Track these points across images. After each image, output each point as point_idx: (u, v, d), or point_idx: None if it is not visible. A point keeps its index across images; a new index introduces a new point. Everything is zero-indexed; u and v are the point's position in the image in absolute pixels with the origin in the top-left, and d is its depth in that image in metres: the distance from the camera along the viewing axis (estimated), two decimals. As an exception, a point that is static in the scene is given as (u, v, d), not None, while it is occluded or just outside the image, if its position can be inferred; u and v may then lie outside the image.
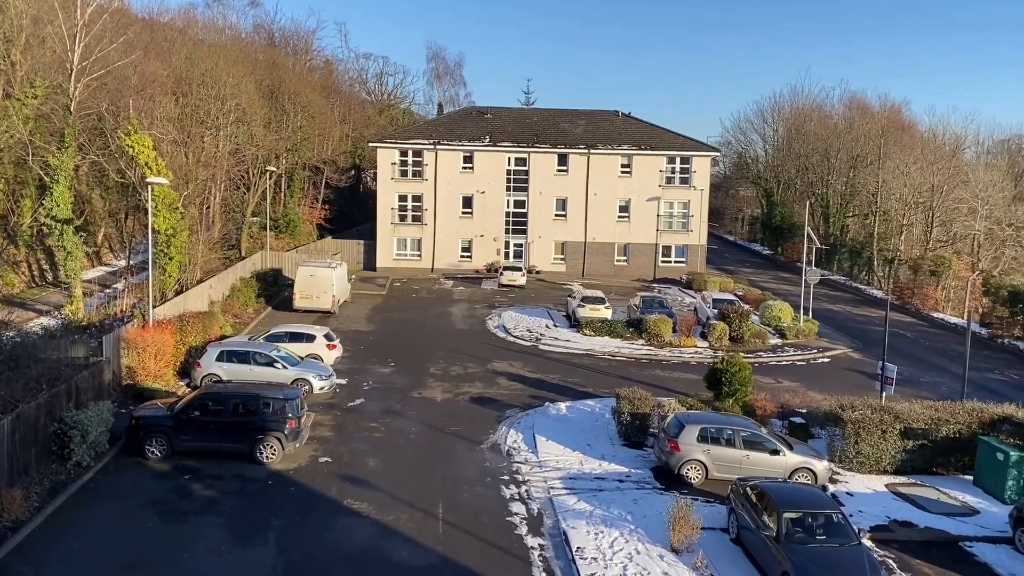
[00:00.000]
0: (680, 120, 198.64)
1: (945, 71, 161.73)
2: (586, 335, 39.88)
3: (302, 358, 29.55)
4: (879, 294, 56.77)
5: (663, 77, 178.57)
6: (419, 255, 60.45)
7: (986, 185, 58.22)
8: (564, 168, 60.36)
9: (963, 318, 31.56)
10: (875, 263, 61.58)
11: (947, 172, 60.99)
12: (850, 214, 72.67)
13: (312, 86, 70.47)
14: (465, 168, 60.20)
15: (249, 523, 18.56)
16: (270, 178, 55.67)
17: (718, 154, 75.34)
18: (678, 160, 60.70)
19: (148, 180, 30.55)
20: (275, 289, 46.58)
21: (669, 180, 60.65)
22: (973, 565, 18.20)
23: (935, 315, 50.49)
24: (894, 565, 17.83)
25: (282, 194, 62.49)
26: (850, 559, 15.82)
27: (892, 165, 62.59)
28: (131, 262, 44.72)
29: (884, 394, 26.28)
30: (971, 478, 22.91)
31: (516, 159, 60.41)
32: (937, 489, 22.21)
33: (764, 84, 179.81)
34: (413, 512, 19.47)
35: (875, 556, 17.11)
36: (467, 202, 60.27)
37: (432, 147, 59.61)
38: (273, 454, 22.06)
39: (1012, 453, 21.62)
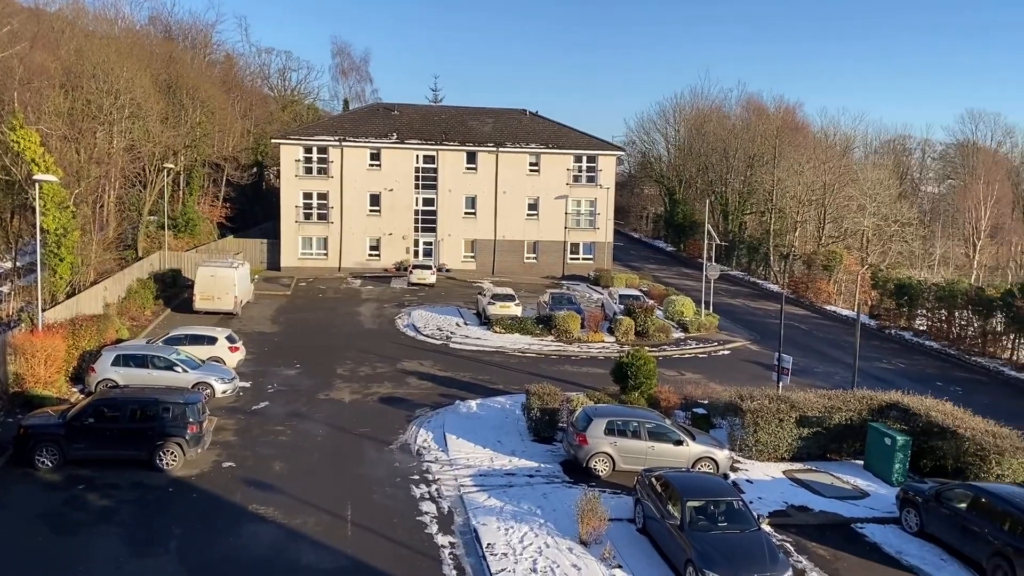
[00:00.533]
0: (586, 120, 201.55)
1: (835, 74, 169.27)
2: (497, 332, 40.06)
3: (203, 361, 28.68)
4: (775, 288, 59.02)
5: (569, 76, 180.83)
6: (325, 254, 59.49)
7: (874, 183, 61.27)
8: (473, 166, 60.44)
9: (853, 310, 33.21)
10: (771, 258, 63.99)
11: (838, 171, 63.94)
12: (748, 211, 75.23)
13: (212, 81, 68.28)
14: (372, 165, 59.55)
15: (149, 533, 17.92)
16: (168, 175, 53.69)
17: (623, 153, 76.88)
18: (585, 159, 61.61)
19: (36, 177, 29.04)
20: (174, 290, 45.03)
21: (576, 178, 61.49)
22: (864, 545, 19.14)
23: (828, 308, 52.84)
24: (791, 548, 18.59)
25: (181, 192, 60.35)
26: (750, 544, 16.42)
27: (787, 164, 65.17)
28: (18, 264, 42.39)
29: (781, 384, 27.38)
30: (862, 462, 24.07)
31: (424, 156, 60.13)
32: (831, 474, 23.27)
33: (666, 85, 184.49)
34: (321, 515, 19.17)
35: (774, 540, 17.81)
36: (375, 200, 59.64)
37: (338, 144, 58.72)
38: (174, 461, 21.34)
39: (899, 438, 22.82)
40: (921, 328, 45.72)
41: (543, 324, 40.51)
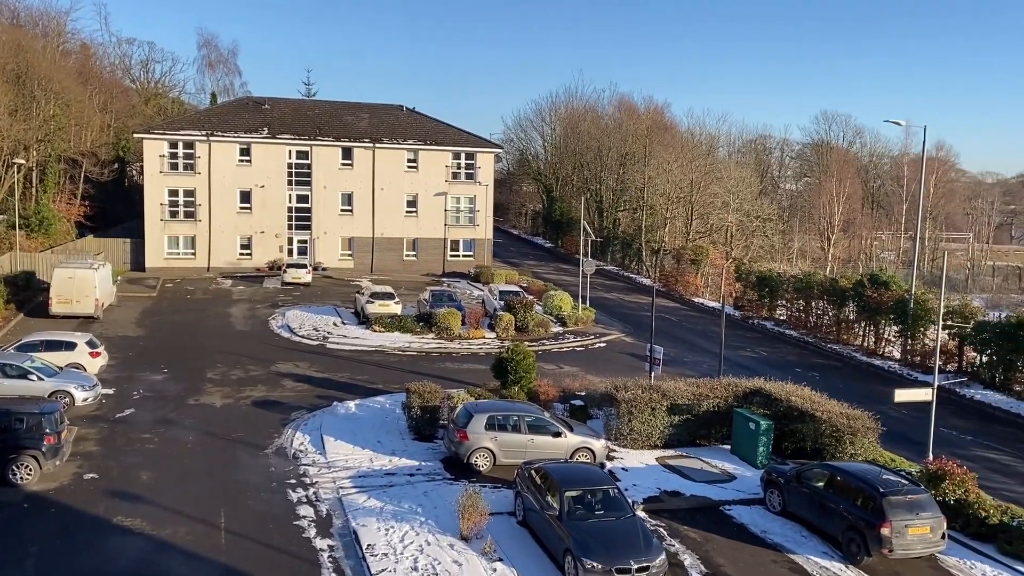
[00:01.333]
0: (464, 118, 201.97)
1: (701, 76, 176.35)
2: (376, 331, 39.60)
3: (61, 368, 27.03)
4: (647, 282, 60.92)
5: (447, 73, 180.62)
6: (193, 253, 57.14)
7: (737, 181, 64.27)
8: (349, 162, 59.48)
9: (720, 302, 34.77)
10: (644, 253, 66.05)
11: (704, 169, 66.70)
12: (622, 208, 77.36)
13: (67, 71, 64.27)
14: (242, 161, 57.62)
15: (2, 552, 16.74)
16: (18, 171, 50.24)
17: (501, 151, 77.53)
18: (463, 156, 61.73)
19: None
20: (28, 294, 42.18)
21: (455, 175, 61.54)
22: (732, 526, 20.06)
23: (696, 300, 55.04)
24: (665, 533, 19.28)
25: (34, 189, 56.59)
26: (626, 530, 16.92)
27: (657, 163, 67.43)
28: None
29: (653, 374, 28.32)
30: (729, 447, 25.20)
31: (298, 152, 58.69)
32: (700, 459, 24.27)
33: (542, 84, 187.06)
34: (192, 524, 18.44)
35: (648, 526, 18.40)
36: (245, 197, 57.75)
37: (205, 139, 56.49)
38: (29, 474, 20.03)
39: (762, 422, 24.04)
40: (782, 318, 48.30)
41: (423, 322, 40.36)
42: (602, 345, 40.54)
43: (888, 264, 70.54)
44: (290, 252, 58.70)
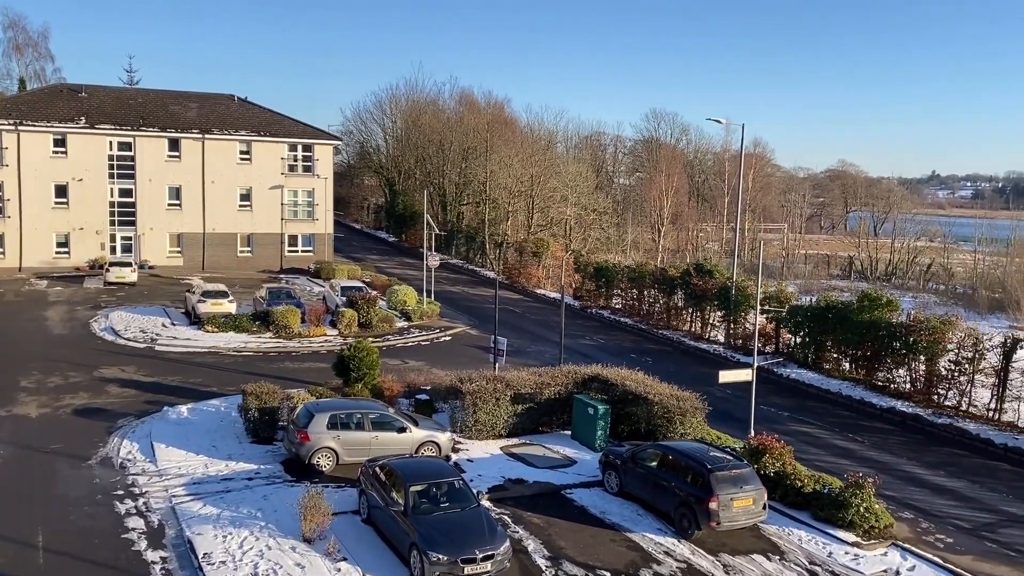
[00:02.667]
0: (301, 109, 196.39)
1: (539, 73, 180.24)
2: (209, 332, 37.87)
3: None
4: (491, 275, 61.57)
5: (281, 63, 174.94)
6: (2, 253, 52.50)
7: (574, 176, 66.24)
8: (176, 154, 56.44)
9: (560, 293, 35.79)
10: (487, 247, 66.82)
11: (543, 164, 68.28)
12: (464, 202, 77.85)
13: None
14: (57, 153, 53.44)
15: None
16: None
17: (340, 143, 75.95)
18: (300, 148, 60.05)
19: None
20: None
21: (292, 168, 59.78)
22: (573, 509, 20.71)
23: (538, 291, 56.30)
24: (509, 520, 19.65)
25: None
26: (471, 521, 17.09)
27: (498, 157, 68.35)
28: None
29: (497, 365, 28.74)
30: (569, 432, 25.99)
31: (119, 143, 55.09)
32: (543, 446, 24.89)
33: (382, 76, 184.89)
34: (5, 546, 16.98)
35: (492, 515, 18.68)
36: (61, 191, 53.64)
37: (13, 128, 51.94)
38: None
39: (600, 407, 24.95)
40: (618, 306, 50.25)
41: (260, 320, 39.00)
42: (447, 338, 40.68)
43: (712, 254, 74.92)
44: (113, 250, 55.07)
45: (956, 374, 30.52)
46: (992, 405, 29.34)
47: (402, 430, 22.63)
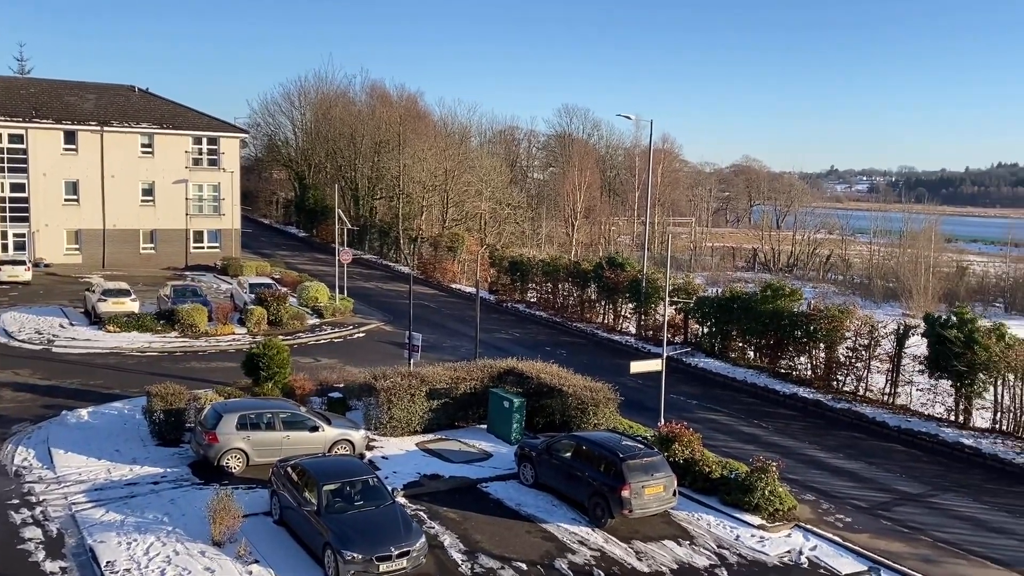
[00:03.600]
0: (205, 101, 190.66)
1: (452, 66, 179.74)
2: (110, 332, 36.40)
3: None
4: (406, 270, 61.27)
5: (184, 52, 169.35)
6: None
7: (488, 170, 66.41)
8: (73, 147, 53.97)
9: (474, 287, 35.83)
10: (401, 242, 66.33)
11: (457, 158, 68.16)
12: (378, 197, 77.03)
13: None
14: (-60, 145, 50.38)
15: None
16: None
17: (247, 135, 74.14)
18: (205, 141, 58.23)
19: None
20: None
21: (197, 162, 57.93)
22: (489, 502, 20.82)
23: (454, 286, 56.24)
24: (425, 516, 19.60)
25: None
26: (386, 519, 16.97)
27: (411, 151, 67.86)
28: None
29: (412, 361, 28.60)
30: (485, 426, 26.10)
31: (10, 136, 52.33)
32: (459, 441, 24.90)
33: (289, 68, 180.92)
34: None
35: (408, 511, 18.63)
36: (-54, 186, 50.61)
37: None
38: None
39: (515, 400, 25.12)
40: (533, 300, 50.65)
41: (165, 319, 37.74)
42: (361, 335, 40.23)
43: (624, 247, 76.32)
44: (4, 248, 52.31)
45: (853, 360, 31.95)
46: (887, 389, 30.85)
47: (314, 429, 22.28)
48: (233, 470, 21.33)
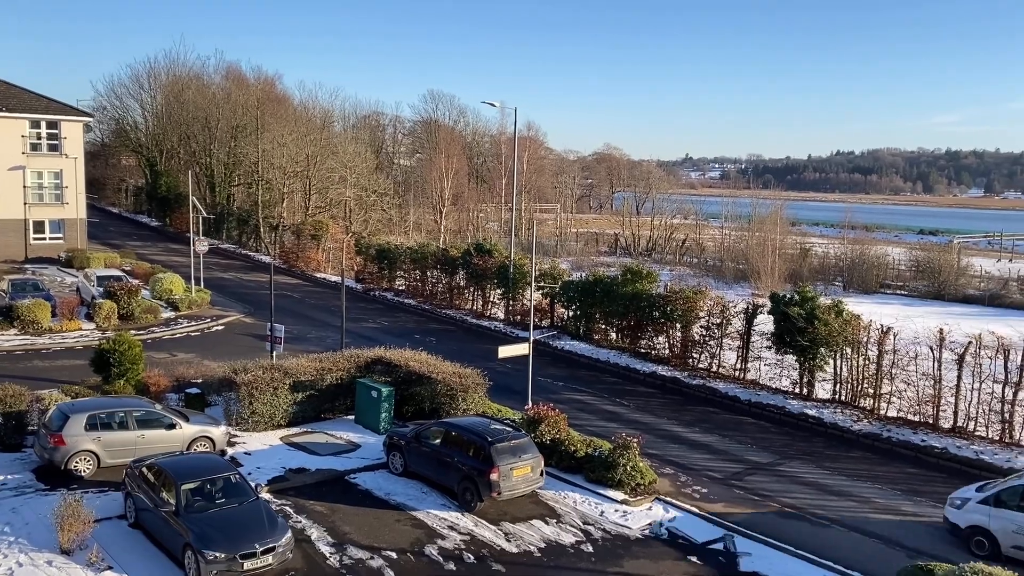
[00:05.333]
0: (44, 83, 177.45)
1: (311, 50, 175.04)
2: (-63, 331, 33.53)
3: None
4: (267, 259, 59.37)
5: (15, 29, 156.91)
6: None
7: (352, 156, 65.20)
8: None
9: (340, 276, 35.18)
10: (262, 230, 64.25)
11: (319, 143, 66.53)
12: (236, 183, 74.23)
13: None
14: None
15: None
16: None
17: (92, 119, 69.50)
18: (44, 125, 54.21)
19: None
20: None
21: (35, 147, 53.91)
22: (357, 493, 20.61)
23: (318, 275, 55.05)
24: (291, 510, 19.20)
25: None
26: (249, 515, 16.52)
27: (270, 136, 65.69)
28: None
29: (274, 353, 27.86)
30: (353, 418, 25.79)
31: None
32: (325, 433, 24.50)
33: (138, 48, 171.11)
34: None
35: (273, 507, 18.22)
36: None
37: None
38: None
39: (383, 389, 24.93)
40: (401, 288, 50.32)
41: (3, 316, 35.11)
42: (220, 328, 38.79)
43: (492, 234, 76.81)
44: None
45: (707, 339, 33.57)
46: (738, 365, 32.61)
47: (171, 427, 21.38)
48: (83, 473, 20.18)
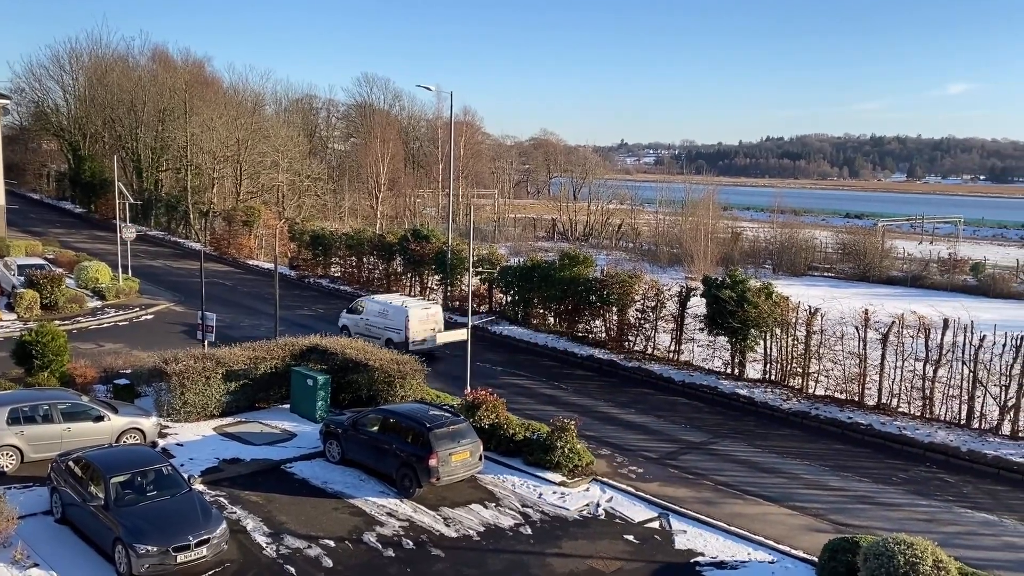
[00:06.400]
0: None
1: (242, 31, 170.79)
2: None
3: None
4: (197, 246, 57.96)
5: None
6: None
7: (285, 140, 63.95)
8: None
9: (273, 263, 34.55)
10: (191, 216, 62.66)
11: (250, 127, 65.02)
12: (164, 168, 72.13)
13: None
14: None
15: None
16: None
17: (9, 102, 66.73)
18: (-45, 107, 51.83)
19: None
20: None
21: (-54, 130, 51.48)
22: (294, 483, 20.39)
23: (251, 262, 53.99)
24: (226, 501, 18.89)
25: None
26: (182, 507, 16.20)
27: (199, 120, 63.93)
28: None
29: (206, 342, 27.27)
30: (288, 406, 25.44)
31: None
32: (260, 422, 24.12)
33: (57, 29, 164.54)
34: None
35: (207, 498, 17.89)
36: None
37: None
38: None
39: (319, 377, 24.64)
40: (337, 275, 49.71)
41: (-86, 307, 33.54)
42: (150, 317, 37.79)
43: (430, 219, 76.37)
44: None
45: (643, 322, 34.06)
46: (672, 347, 33.19)
47: (99, 419, 20.80)
48: (5, 469, 19.53)
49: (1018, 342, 24.78)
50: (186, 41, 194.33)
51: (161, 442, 21.76)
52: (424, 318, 32.92)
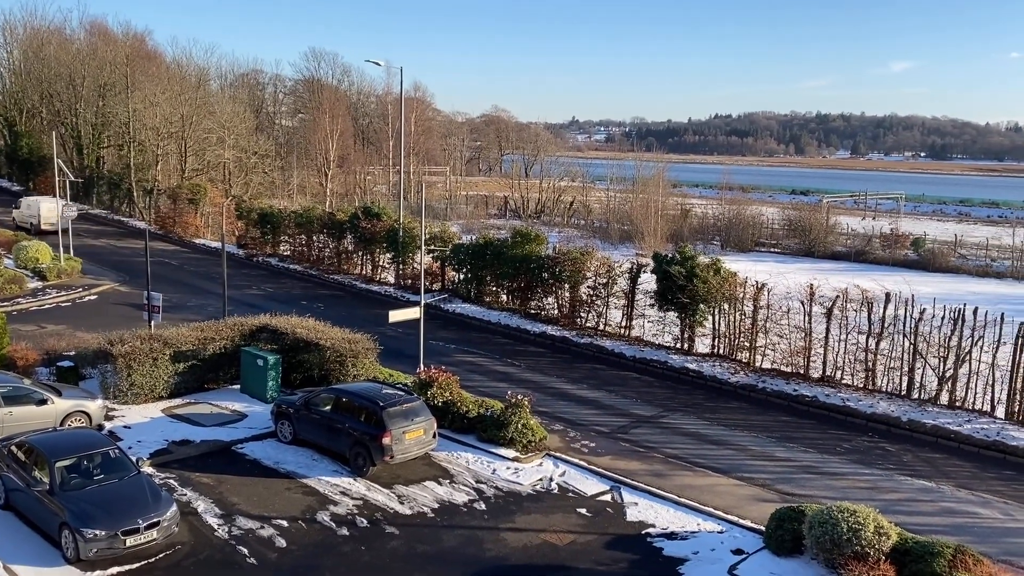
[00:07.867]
0: None
1: (183, 4, 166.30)
2: None
3: None
4: (142, 225, 56.74)
5: None
6: None
7: (231, 116, 62.66)
8: None
9: (220, 242, 33.93)
10: (135, 194, 61.14)
11: (195, 103, 63.54)
12: (105, 145, 70.23)
13: None
14: None
15: None
16: None
17: (-62, 75, 64.19)
18: None
19: None
20: None
21: None
22: (245, 463, 20.19)
23: (197, 241, 53.00)
24: (176, 484, 18.64)
25: None
26: (130, 490, 15.94)
27: (141, 95, 62.31)
28: None
29: (153, 323, 26.72)
30: (239, 387, 25.13)
31: None
32: (210, 403, 23.79)
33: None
34: None
35: (156, 481, 17.64)
36: None
37: None
38: None
39: (270, 357, 24.36)
40: (286, 253, 49.08)
41: None
42: (93, 298, 36.92)
43: (381, 197, 75.69)
44: None
45: (594, 298, 34.34)
46: (623, 323, 33.55)
47: (42, 402, 20.31)
48: (-57, 457, 18.90)
49: (955, 315, 25.60)
50: (126, 14, 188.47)
51: (108, 425, 21.35)
52: (53, 207, 45.17)
